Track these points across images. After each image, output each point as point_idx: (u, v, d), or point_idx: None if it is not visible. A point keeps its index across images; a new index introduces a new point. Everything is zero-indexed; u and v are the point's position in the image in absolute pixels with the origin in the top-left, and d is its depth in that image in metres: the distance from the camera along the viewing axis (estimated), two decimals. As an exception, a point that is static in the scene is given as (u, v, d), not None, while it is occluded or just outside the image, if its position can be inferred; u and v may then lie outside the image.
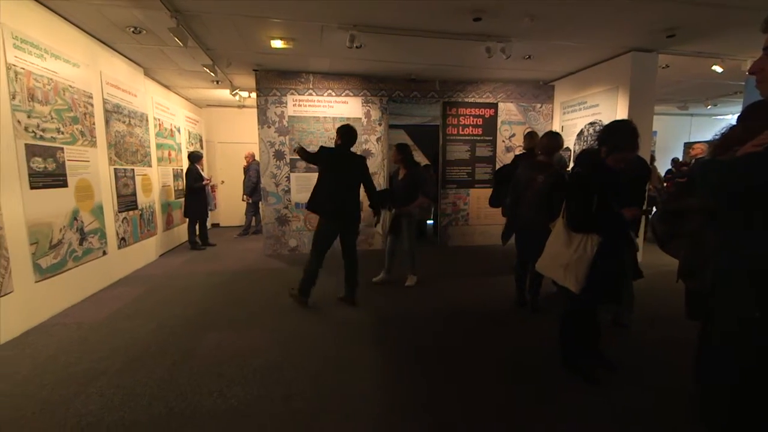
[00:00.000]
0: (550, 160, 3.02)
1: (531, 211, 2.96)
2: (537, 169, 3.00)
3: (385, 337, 2.86)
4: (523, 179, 3.08)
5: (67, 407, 1.98)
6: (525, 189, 3.03)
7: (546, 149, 3.03)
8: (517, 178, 3.17)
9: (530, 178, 3.00)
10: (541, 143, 3.08)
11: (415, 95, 5.82)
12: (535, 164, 3.07)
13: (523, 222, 3.10)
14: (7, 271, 2.75)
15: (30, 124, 3.01)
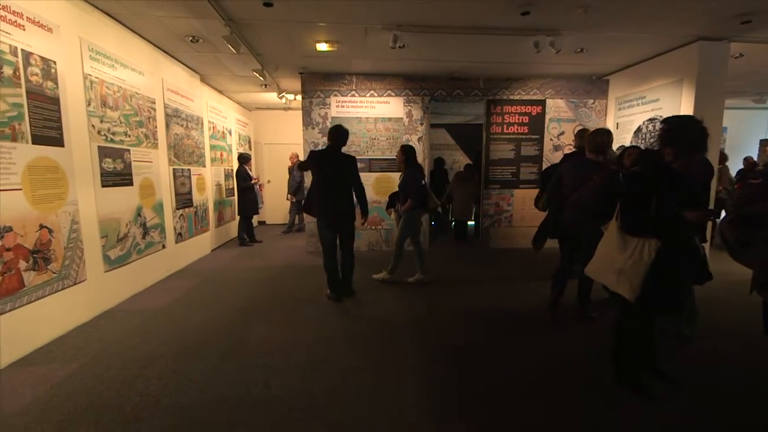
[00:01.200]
0: (600, 159, 2.83)
1: (580, 213, 2.79)
2: (589, 169, 2.80)
3: (424, 337, 2.83)
4: (569, 179, 2.89)
5: (130, 388, 2.15)
6: (573, 190, 2.83)
7: (596, 147, 2.84)
8: (560, 177, 2.98)
9: (580, 178, 2.81)
10: (591, 141, 2.88)
11: (458, 94, 5.72)
12: (586, 163, 2.88)
13: (571, 225, 2.90)
14: (81, 261, 3.04)
15: (102, 128, 3.31)
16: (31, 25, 2.58)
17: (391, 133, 5.69)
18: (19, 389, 2.13)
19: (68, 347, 2.64)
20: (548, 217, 3.12)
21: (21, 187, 2.48)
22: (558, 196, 2.97)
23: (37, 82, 2.62)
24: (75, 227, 2.96)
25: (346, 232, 3.60)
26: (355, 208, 3.61)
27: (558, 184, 2.99)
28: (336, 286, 3.60)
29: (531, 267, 4.81)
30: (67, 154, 2.88)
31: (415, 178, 3.89)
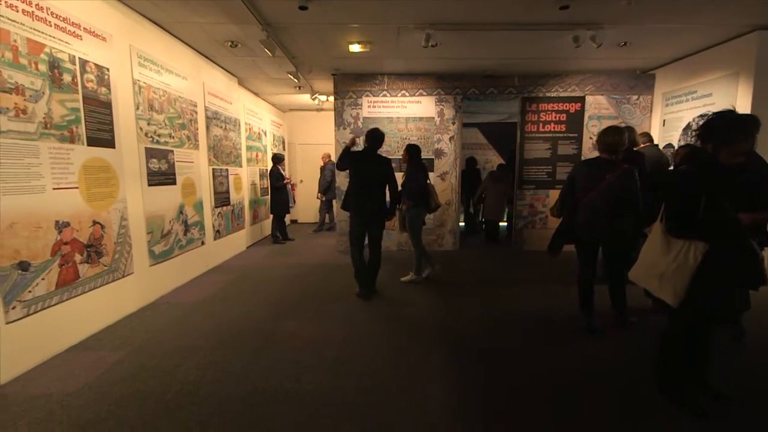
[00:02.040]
0: (614, 158, 2.69)
1: (595, 216, 2.66)
2: (601, 169, 2.67)
3: (452, 339, 2.79)
4: (581, 180, 2.75)
5: (172, 376, 2.27)
6: (585, 192, 2.71)
7: (608, 147, 2.69)
8: (572, 179, 2.84)
9: (592, 179, 2.69)
10: (602, 140, 2.73)
11: (492, 92, 5.59)
12: (598, 163, 2.74)
13: (586, 229, 2.74)
14: (129, 255, 3.24)
15: (149, 131, 3.52)
16: (87, 35, 2.78)
17: (423, 133, 5.66)
18: (75, 372, 2.31)
19: (117, 336, 2.83)
20: (562, 220, 2.96)
21: (77, 186, 2.68)
22: (571, 199, 2.84)
23: (92, 88, 2.82)
24: (124, 223, 3.16)
25: (375, 231, 3.68)
26: (386, 208, 3.71)
27: (570, 186, 2.85)
28: (364, 282, 3.69)
29: (566, 270, 4.61)
30: (117, 155, 3.08)
31: (417, 178, 3.93)
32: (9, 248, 2.19)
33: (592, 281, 2.86)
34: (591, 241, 2.80)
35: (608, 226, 2.64)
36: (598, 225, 2.67)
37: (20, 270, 2.26)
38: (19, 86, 2.24)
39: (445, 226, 5.83)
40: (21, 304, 2.27)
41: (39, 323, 2.39)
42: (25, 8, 2.29)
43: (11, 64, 2.20)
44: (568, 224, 2.85)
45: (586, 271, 2.86)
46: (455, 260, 5.24)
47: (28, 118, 2.30)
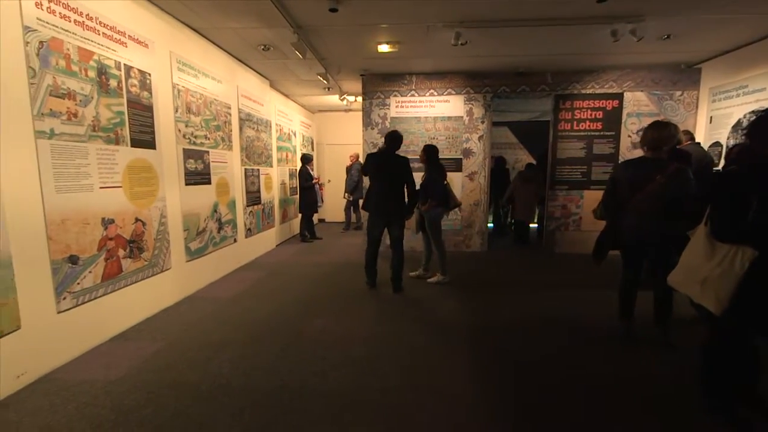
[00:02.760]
0: (662, 156, 2.48)
1: (643, 219, 2.48)
2: (646, 168, 2.47)
3: (480, 341, 2.74)
4: (624, 181, 2.56)
5: (205, 368, 2.36)
6: (630, 193, 2.52)
7: (651, 143, 2.48)
8: (614, 180, 2.65)
9: (636, 179, 2.49)
10: (645, 136, 2.53)
11: (524, 89, 5.45)
12: (643, 162, 2.53)
13: (632, 233, 2.57)
14: (168, 251, 3.40)
15: (186, 132, 3.68)
16: (131, 42, 2.94)
17: (451, 132, 5.59)
18: (117, 361, 2.45)
19: (155, 327, 2.97)
20: (606, 225, 2.77)
21: (121, 185, 2.84)
22: (614, 201, 2.66)
23: (136, 93, 2.98)
24: (163, 221, 3.32)
25: (395, 230, 3.75)
26: (405, 208, 3.79)
27: (613, 188, 2.67)
28: (371, 274, 3.90)
29: (600, 275, 4.42)
30: (158, 155, 3.24)
31: (436, 178, 3.93)
32: (61, 243, 2.35)
33: (635, 287, 2.69)
34: (638, 246, 2.62)
35: (659, 229, 2.46)
36: (646, 229, 2.49)
37: (70, 263, 2.42)
38: (70, 92, 2.40)
39: (473, 227, 5.74)
40: (71, 295, 2.43)
41: (86, 314, 2.55)
42: (76, 18, 2.45)
43: (64, 71, 2.36)
44: (614, 229, 2.68)
45: (630, 276, 2.69)
46: (483, 262, 5.15)
47: (78, 122, 2.46)
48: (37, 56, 2.18)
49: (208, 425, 1.83)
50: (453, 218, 5.67)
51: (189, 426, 1.83)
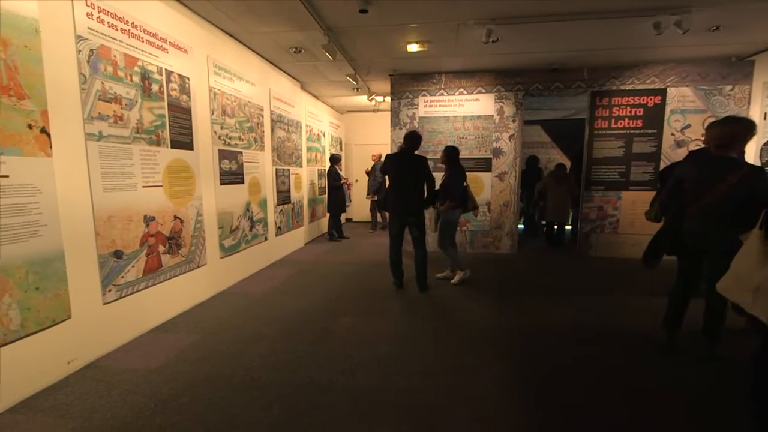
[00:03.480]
0: (732, 155, 2.26)
1: (709, 223, 2.29)
2: (715, 168, 2.26)
3: (507, 345, 2.67)
4: (691, 181, 2.36)
5: (237, 361, 2.44)
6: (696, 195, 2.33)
7: (719, 140, 2.26)
8: (679, 180, 2.45)
9: (703, 179, 2.30)
10: (711, 133, 2.32)
11: (558, 87, 5.27)
12: (711, 161, 2.32)
13: (696, 238, 2.38)
14: (203, 248, 3.55)
15: (222, 134, 3.82)
16: (172, 48, 3.08)
17: (481, 132, 5.50)
18: (155, 351, 2.58)
19: (191, 321, 3.10)
20: (664, 228, 2.57)
21: (162, 184, 2.98)
22: (676, 203, 2.47)
23: (176, 96, 3.12)
24: (199, 219, 3.47)
25: (416, 228, 3.77)
26: (423, 207, 3.81)
27: (677, 187, 2.46)
28: (397, 273, 3.92)
29: (638, 281, 4.21)
30: (195, 156, 3.38)
31: (456, 180, 3.91)
32: (107, 238, 2.50)
33: (689, 296, 2.51)
34: (699, 252, 2.42)
35: (724, 235, 2.24)
36: (712, 234, 2.30)
37: (115, 258, 2.57)
38: (117, 96, 2.55)
39: (502, 228, 5.61)
40: (115, 288, 2.58)
41: (128, 306, 2.70)
42: (123, 27, 2.60)
43: (111, 76, 2.51)
44: (673, 232, 2.49)
45: (685, 283, 2.51)
46: (513, 264, 5.03)
47: (123, 124, 2.61)
48: (87, 63, 2.33)
49: (240, 417, 1.89)
50: (482, 219, 5.58)
51: (222, 417, 1.90)
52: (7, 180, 1.89)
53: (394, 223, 3.81)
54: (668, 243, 2.51)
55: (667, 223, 2.57)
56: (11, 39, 1.90)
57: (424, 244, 3.80)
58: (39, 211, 2.05)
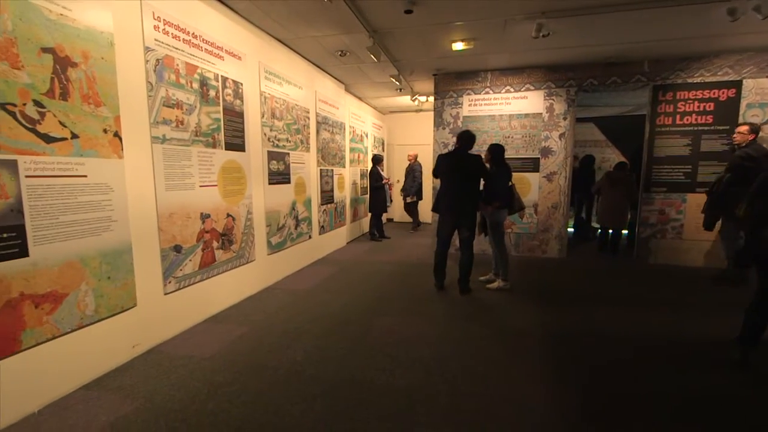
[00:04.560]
0: None
1: None
2: None
3: (557, 355, 2.54)
4: None
5: (283, 354, 2.54)
6: None
7: None
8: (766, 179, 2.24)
9: None
10: None
11: (614, 81, 4.94)
12: None
13: None
14: (252, 244, 3.72)
15: (271, 136, 3.99)
16: (228, 55, 3.27)
17: (528, 130, 5.29)
18: (209, 340, 2.74)
19: (240, 313, 3.27)
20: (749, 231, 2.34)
21: (216, 184, 3.17)
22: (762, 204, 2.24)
23: (230, 101, 3.31)
24: (249, 217, 3.64)
25: (465, 231, 3.68)
26: (475, 208, 3.71)
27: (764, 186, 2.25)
28: (440, 275, 3.87)
29: (705, 291, 3.84)
30: (246, 157, 3.56)
31: (502, 179, 3.75)
32: (168, 234, 2.70)
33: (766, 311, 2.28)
34: None
35: None
36: None
37: (175, 252, 2.77)
38: (179, 102, 2.75)
39: (550, 231, 5.36)
40: (174, 280, 2.78)
41: (186, 297, 2.90)
42: (184, 37, 2.80)
43: (174, 84, 2.71)
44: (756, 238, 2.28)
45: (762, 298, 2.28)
46: (560, 269, 4.78)
47: (184, 128, 2.80)
48: (154, 72, 2.53)
49: (285, 408, 1.96)
50: (528, 222, 5.37)
51: (269, 407, 1.97)
52: (85, 179, 2.10)
53: (444, 224, 3.74)
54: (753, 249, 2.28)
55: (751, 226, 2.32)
56: (90, 52, 2.11)
57: (472, 246, 3.72)
58: (111, 208, 2.26)
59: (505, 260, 3.87)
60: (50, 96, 1.92)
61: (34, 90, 1.85)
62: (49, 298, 1.95)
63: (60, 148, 1.97)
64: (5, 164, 1.74)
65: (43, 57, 1.89)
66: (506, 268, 3.88)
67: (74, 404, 1.99)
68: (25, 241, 1.84)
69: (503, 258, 3.86)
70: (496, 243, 3.87)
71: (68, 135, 2.00)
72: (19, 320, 1.83)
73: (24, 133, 1.81)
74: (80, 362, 2.14)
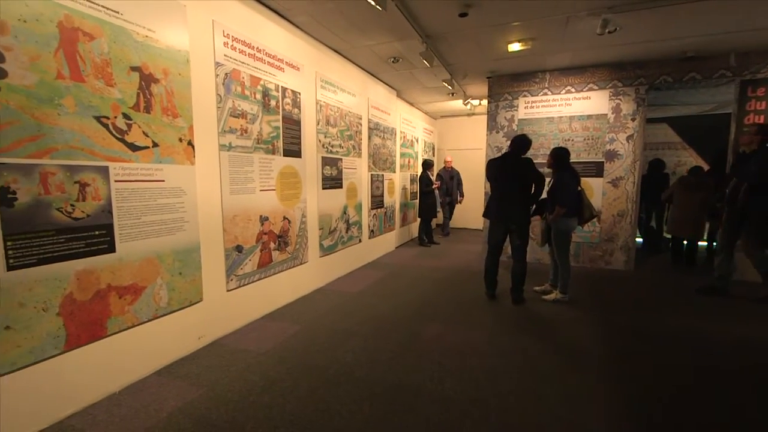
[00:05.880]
0: None
1: None
2: None
3: (620, 376, 2.33)
4: None
5: (333, 354, 2.60)
6: None
7: None
8: None
9: None
10: None
11: (693, 77, 4.48)
12: None
13: None
14: (306, 247, 3.87)
15: (325, 142, 4.13)
16: (287, 67, 3.45)
17: (591, 133, 4.96)
18: (265, 336, 2.89)
19: (294, 312, 3.41)
20: None
21: (275, 188, 3.35)
22: None
23: (288, 110, 3.48)
24: (303, 220, 3.80)
25: (516, 238, 3.53)
26: (529, 214, 3.56)
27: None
28: (491, 284, 3.76)
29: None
30: (302, 163, 3.72)
31: (567, 183, 3.47)
32: (231, 234, 2.90)
33: None
34: None
35: None
36: None
37: (237, 251, 2.96)
38: (244, 112, 2.95)
39: (614, 241, 4.97)
40: (236, 278, 2.97)
41: (245, 294, 3.08)
42: (249, 52, 3.00)
43: (240, 95, 2.91)
44: None
45: None
46: (626, 282, 4.40)
47: (247, 136, 3.00)
48: (222, 85, 2.75)
49: (335, 408, 2.01)
50: (590, 230, 5.02)
51: (319, 405, 2.03)
52: (163, 184, 2.32)
53: (494, 230, 3.64)
54: None
55: None
56: (170, 69, 2.34)
57: (524, 254, 3.56)
58: (184, 210, 2.47)
59: (567, 271, 3.63)
60: (136, 109, 2.15)
61: (124, 104, 2.09)
62: (130, 290, 2.18)
63: (143, 155, 2.20)
64: (99, 170, 1.99)
65: (132, 75, 2.12)
66: (566, 280, 3.65)
67: (148, 387, 2.20)
68: (113, 239, 2.07)
69: (564, 269, 3.63)
70: (559, 253, 3.63)
71: (150, 144, 2.23)
72: (106, 309, 2.07)
73: (114, 142, 2.05)
74: (154, 350, 2.36)
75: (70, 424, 1.88)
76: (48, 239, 1.80)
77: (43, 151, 1.76)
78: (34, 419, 1.80)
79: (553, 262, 3.81)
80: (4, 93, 1.63)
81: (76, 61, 1.87)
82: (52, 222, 1.81)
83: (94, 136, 1.96)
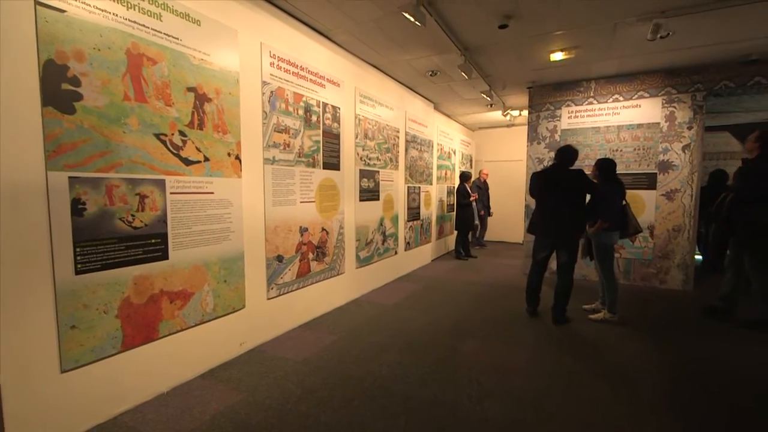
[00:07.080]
0: None
1: None
2: None
3: (676, 404, 2.13)
4: None
5: (368, 367, 2.59)
6: None
7: None
8: None
9: None
10: None
11: (758, 82, 4.13)
12: None
13: None
14: (343, 258, 3.93)
15: (363, 155, 4.21)
16: (328, 83, 3.57)
17: (641, 143, 4.69)
18: (303, 345, 2.94)
19: (330, 322, 3.45)
20: None
21: (314, 200, 3.44)
22: None
23: (329, 124, 3.59)
24: (341, 231, 3.86)
25: (563, 254, 3.35)
26: (578, 229, 3.38)
27: None
28: (532, 300, 3.63)
29: None
30: (341, 176, 3.81)
31: (609, 195, 3.29)
32: (273, 244, 3.00)
33: None
34: None
35: None
36: None
37: (277, 261, 3.06)
38: (287, 127, 3.08)
39: (671, 258, 4.61)
40: (276, 287, 3.07)
41: (284, 303, 3.17)
42: (293, 70, 3.15)
43: (284, 112, 3.05)
44: None
45: None
46: (683, 303, 4.05)
47: (290, 150, 3.13)
48: (268, 102, 2.89)
49: (370, 422, 1.99)
50: (641, 246, 4.70)
51: (354, 417, 2.03)
52: (212, 195, 2.46)
53: (540, 246, 3.50)
54: None
55: None
56: (221, 88, 2.50)
57: (571, 271, 3.37)
58: (230, 220, 2.60)
59: (613, 289, 3.42)
60: (191, 126, 2.31)
61: (180, 122, 2.26)
62: (180, 295, 2.31)
63: (195, 169, 2.35)
64: (157, 183, 2.14)
65: (188, 95, 2.29)
66: (614, 298, 3.43)
67: (193, 390, 2.30)
68: (167, 246, 2.22)
69: (610, 286, 3.42)
70: (603, 268, 3.44)
71: (202, 158, 2.39)
72: (158, 312, 2.20)
73: (171, 157, 2.21)
74: (199, 354, 2.48)
75: (123, 420, 2.00)
76: (111, 246, 1.96)
77: (109, 165, 1.93)
78: (91, 414, 1.94)
79: (600, 279, 3.60)
80: (79, 114, 1.81)
81: (141, 83, 2.05)
82: (115, 231, 1.97)
83: (154, 152, 2.12)
